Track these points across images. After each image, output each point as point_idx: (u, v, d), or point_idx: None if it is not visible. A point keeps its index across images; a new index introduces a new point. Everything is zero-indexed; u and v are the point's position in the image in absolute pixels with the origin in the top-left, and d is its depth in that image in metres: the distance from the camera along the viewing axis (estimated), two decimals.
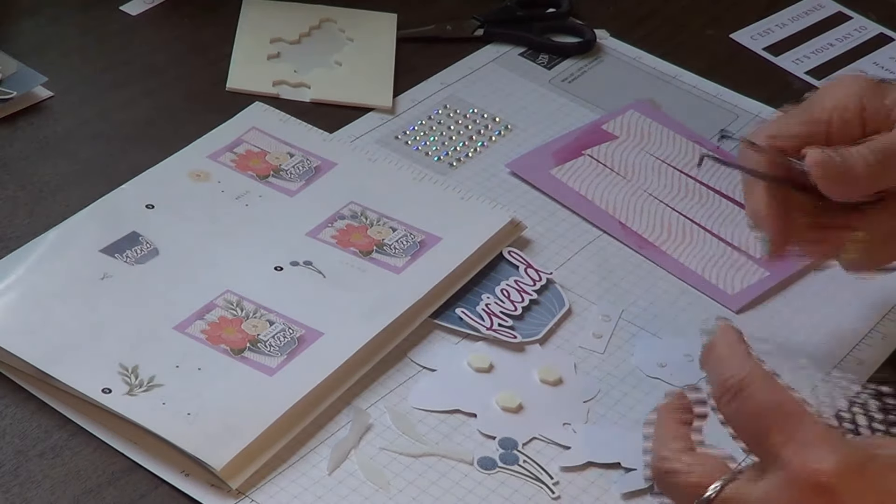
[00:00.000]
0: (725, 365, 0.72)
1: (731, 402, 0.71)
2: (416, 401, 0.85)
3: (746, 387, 0.70)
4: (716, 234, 0.99)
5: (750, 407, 0.70)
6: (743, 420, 0.70)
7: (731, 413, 0.71)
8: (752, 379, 0.70)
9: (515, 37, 1.15)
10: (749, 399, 0.70)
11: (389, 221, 0.94)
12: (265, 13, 1.13)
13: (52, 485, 0.78)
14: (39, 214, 0.93)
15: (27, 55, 1.05)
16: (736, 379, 0.71)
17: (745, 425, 0.70)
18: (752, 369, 0.71)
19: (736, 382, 0.71)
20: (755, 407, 0.70)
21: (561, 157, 1.03)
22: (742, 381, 0.70)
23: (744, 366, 0.71)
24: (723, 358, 0.72)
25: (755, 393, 0.70)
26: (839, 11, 1.24)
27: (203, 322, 0.86)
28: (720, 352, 0.73)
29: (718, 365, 0.72)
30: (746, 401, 0.70)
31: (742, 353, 0.72)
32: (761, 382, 0.70)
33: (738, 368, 0.71)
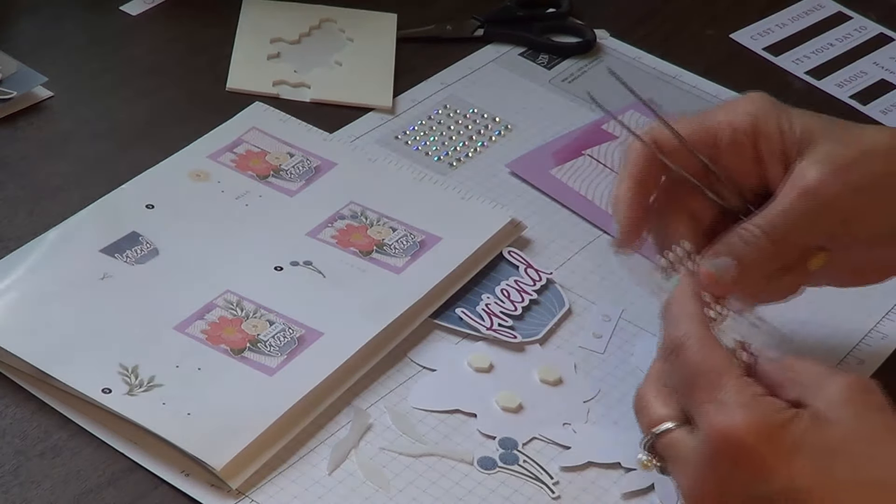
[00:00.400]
0: (669, 325, 0.75)
1: (667, 360, 0.74)
2: (416, 401, 0.85)
3: (680, 347, 0.73)
4: None
5: (681, 366, 0.73)
6: (676, 378, 0.74)
7: (668, 371, 0.75)
8: (686, 339, 0.73)
9: (515, 37, 1.15)
10: (682, 359, 0.73)
11: (389, 221, 0.94)
12: (265, 13, 1.13)
13: (52, 485, 0.78)
14: (39, 214, 0.93)
15: (27, 55, 1.05)
16: (672, 340, 0.74)
17: (677, 383, 0.74)
18: (688, 330, 0.74)
19: (672, 343, 0.74)
20: (686, 367, 0.73)
21: (561, 157, 1.03)
22: (677, 341, 0.74)
23: (682, 327, 0.74)
24: (669, 318, 0.76)
25: (687, 353, 0.73)
26: (839, 11, 1.24)
27: (203, 322, 0.86)
28: (673, 310, 0.76)
29: (666, 324, 0.76)
30: (679, 361, 0.73)
31: (687, 312, 0.75)
32: (695, 343, 0.73)
33: (677, 329, 0.74)
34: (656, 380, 0.76)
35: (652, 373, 0.76)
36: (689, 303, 0.76)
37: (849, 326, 0.93)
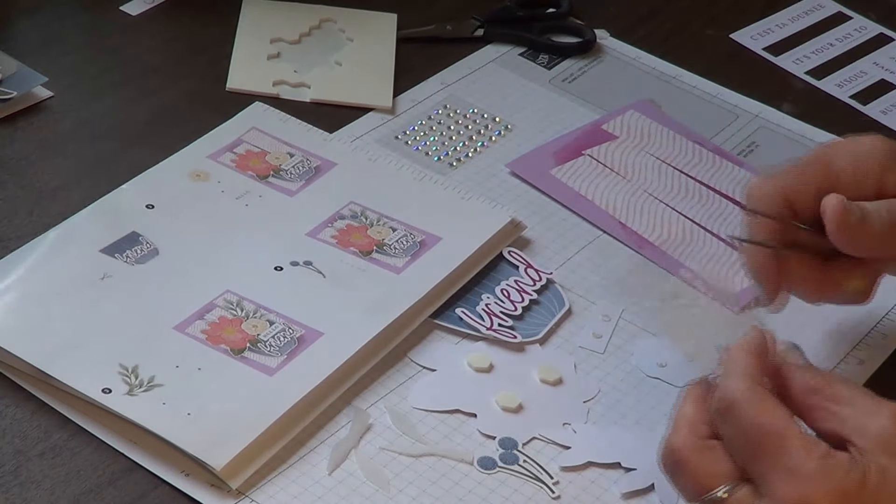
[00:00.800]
0: (723, 383, 0.72)
1: (723, 422, 0.71)
2: (416, 401, 0.85)
3: (734, 408, 0.70)
4: (716, 234, 0.99)
5: (737, 429, 0.70)
6: (732, 441, 0.71)
7: (724, 432, 0.71)
8: (740, 400, 0.70)
9: (515, 37, 1.15)
10: (736, 420, 0.70)
11: (389, 221, 0.94)
12: (265, 13, 1.13)
13: (52, 485, 0.78)
14: (39, 214, 0.93)
15: (27, 55, 1.05)
16: (726, 400, 0.71)
17: (734, 446, 0.71)
18: (743, 389, 0.71)
19: (726, 404, 0.71)
20: (741, 429, 0.70)
21: (561, 157, 1.03)
22: (731, 402, 0.70)
23: (737, 385, 0.71)
24: (724, 374, 0.73)
25: (741, 415, 0.70)
26: (839, 11, 1.24)
27: (203, 322, 0.86)
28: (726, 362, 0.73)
29: (721, 381, 0.72)
30: (734, 422, 0.70)
31: (741, 369, 0.72)
32: (747, 404, 0.70)
33: (731, 388, 0.71)
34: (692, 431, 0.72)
35: (685, 423, 0.73)
36: (742, 359, 0.73)
37: (849, 326, 0.93)
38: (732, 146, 1.07)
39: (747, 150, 1.07)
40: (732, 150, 1.07)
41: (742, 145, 1.07)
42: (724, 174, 1.03)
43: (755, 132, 1.09)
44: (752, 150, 1.07)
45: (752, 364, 0.73)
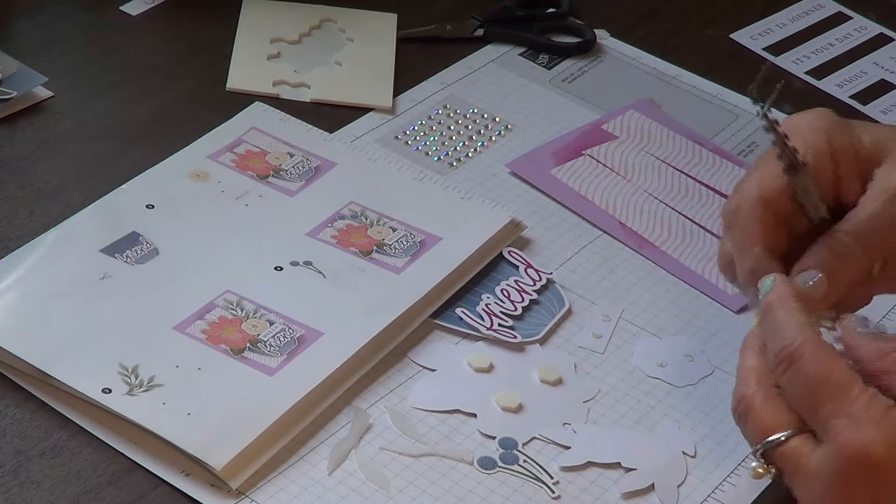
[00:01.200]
0: (780, 332, 0.73)
1: (785, 372, 0.72)
2: (416, 401, 0.85)
3: (798, 357, 0.72)
4: (716, 234, 0.99)
5: (802, 378, 0.71)
6: (795, 390, 0.72)
7: (785, 382, 0.73)
8: (804, 349, 0.72)
9: (515, 37, 1.15)
10: (801, 370, 0.71)
11: (389, 221, 0.94)
12: (265, 13, 1.13)
13: (52, 485, 0.78)
14: (39, 214, 0.93)
15: (27, 55, 1.05)
16: (789, 349, 0.72)
17: (797, 395, 0.72)
18: (805, 338, 0.72)
19: (789, 353, 0.72)
20: (806, 378, 0.71)
21: (561, 157, 1.03)
22: (795, 352, 0.72)
23: (797, 335, 0.72)
24: (778, 324, 0.74)
25: (806, 363, 0.71)
26: (839, 11, 1.24)
27: (203, 322, 0.86)
28: (776, 316, 0.74)
29: (774, 331, 0.73)
30: (798, 371, 0.72)
31: (797, 319, 0.73)
32: (813, 352, 0.71)
33: (791, 337, 0.72)
34: (759, 382, 0.74)
35: (751, 373, 0.75)
36: (796, 309, 0.74)
37: None
38: (732, 146, 1.07)
39: (747, 150, 1.07)
40: (732, 150, 1.07)
41: (742, 145, 1.07)
42: (724, 174, 1.03)
43: (755, 132, 1.09)
44: (752, 150, 1.07)
45: (805, 314, 0.74)
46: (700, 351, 0.90)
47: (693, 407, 0.86)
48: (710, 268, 0.96)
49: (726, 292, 0.94)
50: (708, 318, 0.93)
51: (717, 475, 0.82)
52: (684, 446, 0.84)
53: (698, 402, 0.87)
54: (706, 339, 0.91)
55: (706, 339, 0.91)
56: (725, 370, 0.89)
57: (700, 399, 0.87)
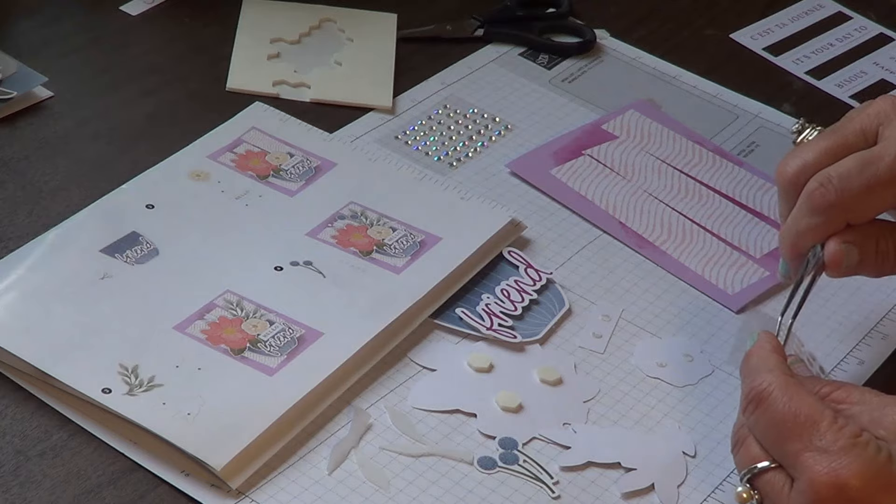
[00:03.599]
0: (751, 376, 0.76)
1: (753, 412, 0.75)
2: (416, 401, 0.85)
3: (765, 398, 0.74)
4: (716, 234, 0.99)
5: (768, 417, 0.73)
6: (762, 429, 0.74)
7: (753, 422, 0.75)
8: (771, 389, 0.74)
9: (515, 37, 1.15)
10: (767, 409, 0.73)
11: (389, 221, 0.94)
12: (265, 13, 1.13)
13: (52, 485, 0.78)
14: (39, 214, 0.93)
15: (27, 55, 1.05)
16: (757, 390, 0.74)
17: (764, 434, 0.74)
18: (773, 380, 0.74)
19: (756, 394, 0.74)
20: (772, 417, 0.73)
21: (561, 157, 1.03)
22: (762, 392, 0.74)
23: (765, 377, 0.75)
24: (751, 369, 0.76)
25: (773, 403, 0.73)
26: (839, 11, 1.24)
27: (203, 322, 0.86)
28: (750, 362, 0.77)
29: (746, 376, 0.76)
30: (765, 411, 0.74)
31: (769, 364, 0.76)
32: (780, 392, 0.74)
33: (760, 380, 0.75)
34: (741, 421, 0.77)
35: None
36: (770, 356, 0.77)
37: (849, 326, 0.93)
38: (732, 146, 1.07)
39: (747, 150, 1.07)
40: (732, 150, 1.07)
41: (742, 145, 1.07)
42: (724, 174, 1.03)
43: (755, 132, 1.09)
44: (752, 150, 1.07)
45: (778, 359, 0.77)
46: (700, 351, 0.90)
47: (693, 407, 0.86)
48: (710, 268, 0.96)
49: (726, 292, 0.94)
50: (708, 318, 0.93)
51: (717, 475, 0.82)
52: (684, 446, 0.84)
53: (698, 402, 0.87)
54: (706, 339, 0.91)
55: (706, 339, 0.91)
56: (725, 370, 0.89)
57: (700, 399, 0.87)
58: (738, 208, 1.01)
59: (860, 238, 0.82)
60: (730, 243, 0.98)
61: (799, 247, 0.83)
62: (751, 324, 0.90)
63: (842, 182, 0.80)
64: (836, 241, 0.81)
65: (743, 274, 0.96)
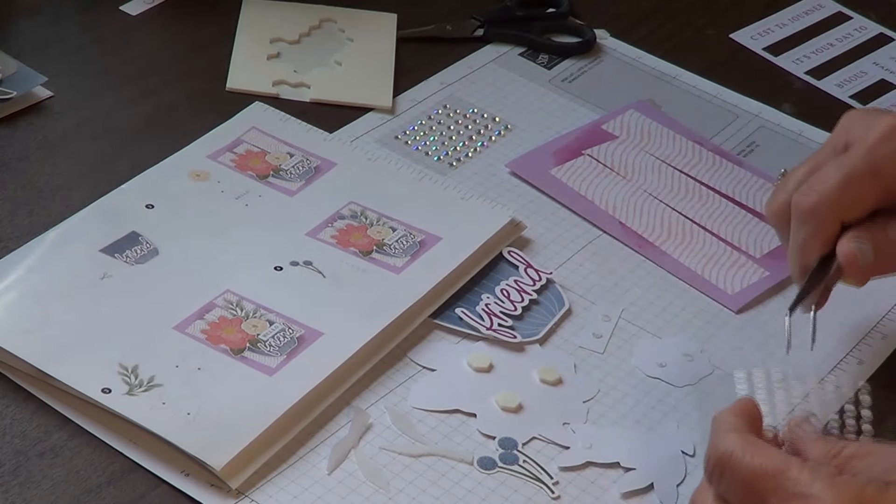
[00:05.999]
0: (712, 444, 0.72)
1: (720, 481, 0.71)
2: (416, 401, 0.85)
3: (727, 462, 0.70)
4: (716, 233, 0.99)
5: (737, 480, 0.70)
6: (736, 493, 0.71)
7: (724, 490, 0.71)
8: (731, 452, 0.70)
9: (515, 37, 1.15)
10: (734, 472, 0.70)
11: (389, 221, 0.94)
12: (265, 13, 1.13)
13: (51, 485, 0.78)
14: (39, 214, 0.93)
15: (27, 55, 1.05)
16: (716, 458, 0.71)
17: (740, 498, 0.70)
18: (730, 442, 0.71)
19: (717, 461, 0.71)
20: (742, 479, 0.70)
21: (561, 157, 1.03)
22: (722, 459, 0.71)
23: (723, 442, 0.71)
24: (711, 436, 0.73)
25: (737, 464, 0.70)
26: (839, 11, 1.24)
27: (203, 322, 0.86)
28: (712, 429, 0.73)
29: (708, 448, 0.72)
30: (733, 475, 0.70)
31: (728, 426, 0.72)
32: (742, 452, 0.70)
33: (719, 446, 0.71)
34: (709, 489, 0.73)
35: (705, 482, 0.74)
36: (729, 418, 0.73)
37: (849, 326, 0.93)
38: (732, 146, 1.07)
39: (747, 150, 1.07)
40: (732, 150, 1.07)
41: (742, 145, 1.07)
42: (723, 174, 1.03)
43: (755, 132, 1.09)
44: (752, 150, 1.07)
45: (738, 422, 0.73)
46: (700, 351, 0.90)
47: (693, 407, 0.86)
48: (710, 268, 0.96)
49: (726, 292, 0.94)
50: (708, 318, 0.93)
51: None
52: (684, 446, 0.84)
53: (698, 402, 0.87)
54: (706, 339, 0.91)
55: (706, 339, 0.91)
56: (725, 370, 0.89)
57: (700, 399, 0.87)
58: (738, 208, 1.01)
59: (868, 234, 0.82)
60: (730, 243, 0.98)
61: (805, 262, 0.83)
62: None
63: (820, 184, 0.82)
64: (846, 242, 0.82)
65: (743, 274, 0.96)
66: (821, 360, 0.89)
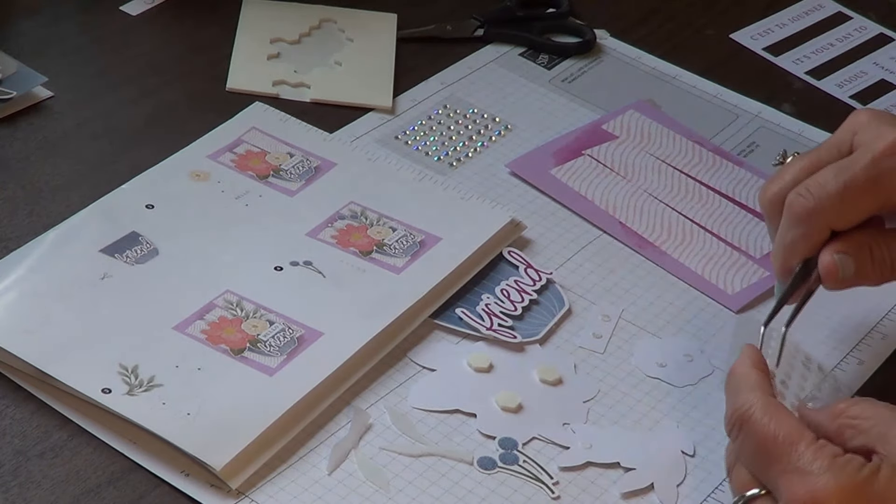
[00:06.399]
0: (731, 398, 0.76)
1: (737, 436, 0.75)
2: (416, 401, 0.85)
3: (746, 421, 0.74)
4: (716, 233, 0.99)
5: (751, 441, 0.73)
6: (747, 454, 0.74)
7: (738, 448, 0.75)
8: (751, 413, 0.74)
9: (515, 37, 1.15)
10: (749, 433, 0.73)
11: (389, 221, 0.94)
12: (265, 13, 1.13)
13: (51, 485, 0.78)
14: (39, 214, 0.93)
15: (27, 55, 1.05)
16: (738, 413, 0.74)
17: (750, 459, 0.74)
18: (753, 402, 0.74)
19: (738, 417, 0.74)
20: (755, 441, 0.73)
21: (561, 157, 1.03)
22: (742, 416, 0.74)
23: (746, 399, 0.75)
24: (731, 390, 0.76)
25: (754, 425, 0.73)
26: (839, 11, 1.24)
27: (203, 322, 0.86)
28: (731, 382, 0.77)
29: (728, 397, 0.76)
30: (748, 435, 0.74)
31: (749, 384, 0.76)
32: (760, 415, 0.73)
33: (741, 402, 0.75)
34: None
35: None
36: (751, 373, 0.77)
37: (849, 326, 0.93)
38: (732, 146, 1.07)
39: (747, 150, 1.07)
40: (732, 150, 1.07)
41: (742, 145, 1.07)
42: (724, 174, 1.03)
43: (755, 132, 1.09)
44: (752, 150, 1.07)
45: (760, 378, 0.77)
46: (700, 351, 0.90)
47: (693, 407, 0.86)
48: (710, 268, 0.96)
49: (726, 292, 0.94)
50: (708, 318, 0.93)
51: (716, 475, 0.82)
52: (684, 446, 0.84)
53: (698, 402, 0.87)
54: (706, 339, 0.91)
55: (706, 339, 0.91)
56: (725, 370, 0.88)
57: (700, 399, 0.87)
58: (738, 208, 1.01)
59: (853, 248, 0.82)
60: (730, 243, 0.98)
61: (789, 262, 0.83)
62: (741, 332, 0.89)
63: (818, 189, 0.81)
64: (828, 253, 0.82)
65: (743, 274, 0.96)
66: (821, 361, 0.89)
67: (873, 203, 0.82)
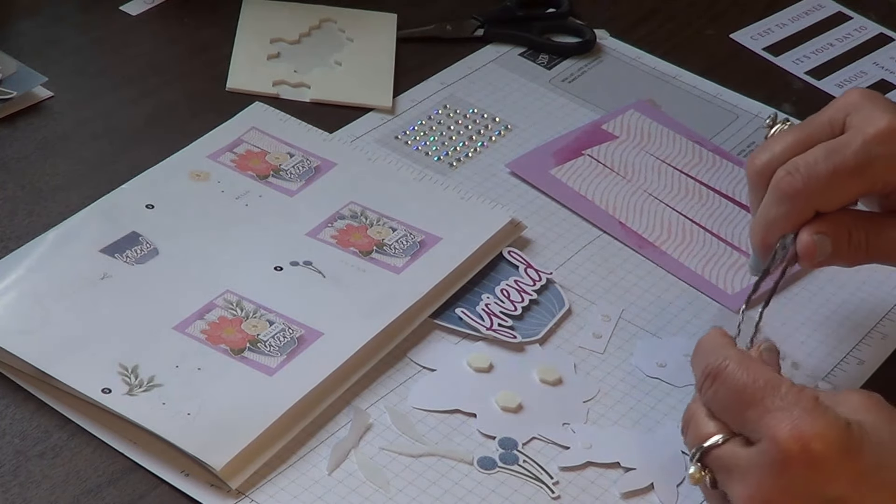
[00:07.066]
0: (703, 356, 0.76)
1: (710, 387, 0.74)
2: (416, 401, 0.85)
3: (721, 371, 0.74)
4: (716, 234, 0.99)
5: (726, 388, 0.74)
6: (722, 402, 0.74)
7: (710, 398, 0.75)
8: (725, 364, 0.74)
9: (515, 37, 1.15)
10: (725, 381, 0.74)
11: (389, 221, 0.94)
12: (265, 13, 1.13)
13: (51, 485, 0.78)
14: (39, 214, 0.93)
15: (27, 55, 1.05)
16: (711, 366, 0.75)
17: (724, 406, 0.74)
18: (727, 355, 0.75)
19: (712, 370, 0.75)
20: (731, 387, 0.73)
21: (561, 157, 1.03)
22: (717, 367, 0.74)
23: (719, 353, 0.75)
24: (703, 352, 0.77)
25: (730, 374, 0.74)
26: (839, 11, 1.24)
27: (203, 322, 0.86)
28: (701, 344, 0.77)
29: (699, 360, 0.76)
30: (723, 384, 0.74)
31: (720, 343, 0.76)
32: (735, 364, 0.74)
33: (713, 358, 0.75)
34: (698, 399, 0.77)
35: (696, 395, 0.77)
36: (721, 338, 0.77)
37: (849, 326, 0.93)
38: (732, 146, 1.07)
39: (747, 150, 1.07)
40: (732, 150, 1.07)
41: (742, 145, 1.07)
42: (724, 174, 1.03)
43: (755, 132, 1.09)
44: (752, 150, 1.07)
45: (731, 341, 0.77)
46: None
47: None
48: (710, 268, 0.96)
49: (726, 292, 0.94)
50: (708, 318, 0.93)
51: None
52: (684, 446, 0.83)
53: None
54: None
55: None
56: None
57: None
58: (738, 208, 1.01)
59: (832, 228, 0.82)
60: (730, 243, 0.98)
61: (769, 237, 0.83)
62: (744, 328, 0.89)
63: (808, 169, 0.81)
64: (808, 232, 0.82)
65: (743, 274, 0.96)
66: (821, 360, 0.89)
67: (860, 188, 0.82)
